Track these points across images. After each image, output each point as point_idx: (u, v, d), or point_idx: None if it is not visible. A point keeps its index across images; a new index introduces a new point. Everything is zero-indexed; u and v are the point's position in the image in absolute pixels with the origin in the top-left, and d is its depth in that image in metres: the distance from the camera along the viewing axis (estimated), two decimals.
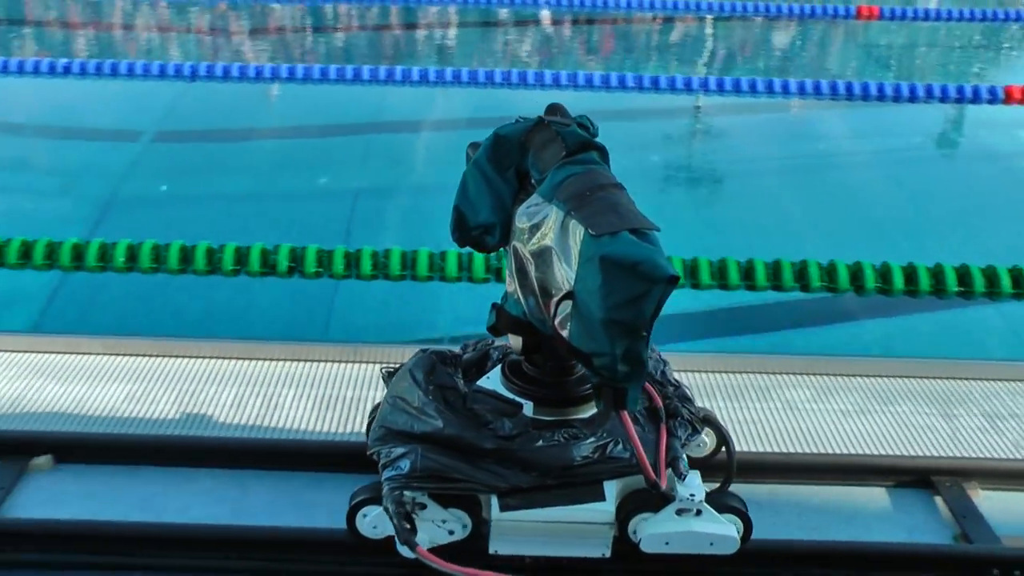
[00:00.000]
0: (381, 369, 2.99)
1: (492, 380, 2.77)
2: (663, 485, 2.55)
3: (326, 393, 3.65)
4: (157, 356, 3.87)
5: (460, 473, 2.58)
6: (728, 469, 2.82)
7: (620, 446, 2.60)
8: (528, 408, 2.66)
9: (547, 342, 2.55)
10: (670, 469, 2.62)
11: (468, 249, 2.74)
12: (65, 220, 6.41)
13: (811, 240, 6.30)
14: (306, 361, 3.87)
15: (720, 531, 2.66)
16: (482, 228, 2.67)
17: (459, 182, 2.66)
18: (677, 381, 2.89)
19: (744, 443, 3.45)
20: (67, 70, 8.65)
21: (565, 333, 2.39)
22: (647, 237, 2.30)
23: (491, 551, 2.71)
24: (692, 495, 2.63)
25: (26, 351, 3.90)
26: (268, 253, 4.98)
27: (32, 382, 3.69)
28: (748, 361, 4.00)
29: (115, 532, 2.88)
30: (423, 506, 2.64)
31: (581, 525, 2.67)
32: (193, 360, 3.84)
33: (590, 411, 2.65)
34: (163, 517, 2.98)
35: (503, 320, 2.68)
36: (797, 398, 3.74)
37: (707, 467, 2.84)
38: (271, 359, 3.87)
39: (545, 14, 12.30)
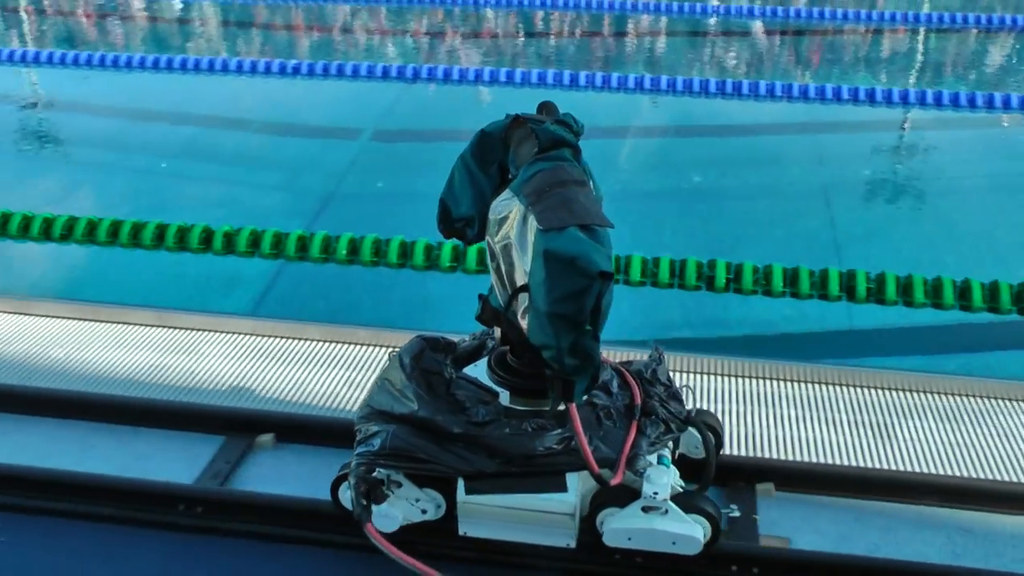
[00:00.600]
0: (389, 352, 3.04)
1: (479, 369, 2.82)
2: (618, 480, 2.57)
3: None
4: (372, 345, 4.01)
5: (427, 454, 2.65)
6: (707, 471, 2.78)
7: (589, 439, 2.61)
8: (504, 397, 2.71)
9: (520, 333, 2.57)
10: (640, 466, 2.63)
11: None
12: (288, 212, 6.72)
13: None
14: None
15: (684, 531, 2.65)
16: (463, 221, 2.75)
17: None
18: (669, 381, 2.90)
19: (951, 467, 3.31)
20: (295, 70, 9.09)
21: (524, 325, 2.47)
22: (595, 234, 2.36)
23: (460, 532, 2.79)
24: (655, 493, 2.62)
25: (251, 334, 4.11)
26: (483, 253, 5.09)
27: (257, 363, 3.89)
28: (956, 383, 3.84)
29: (334, 511, 2.95)
30: (399, 484, 2.74)
31: (543, 514, 2.70)
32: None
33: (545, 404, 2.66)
34: None
35: (486, 312, 2.75)
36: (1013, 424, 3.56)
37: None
38: None
39: (758, 25, 12.13)
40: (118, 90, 9.59)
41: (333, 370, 3.85)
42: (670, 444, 2.81)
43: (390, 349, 3.96)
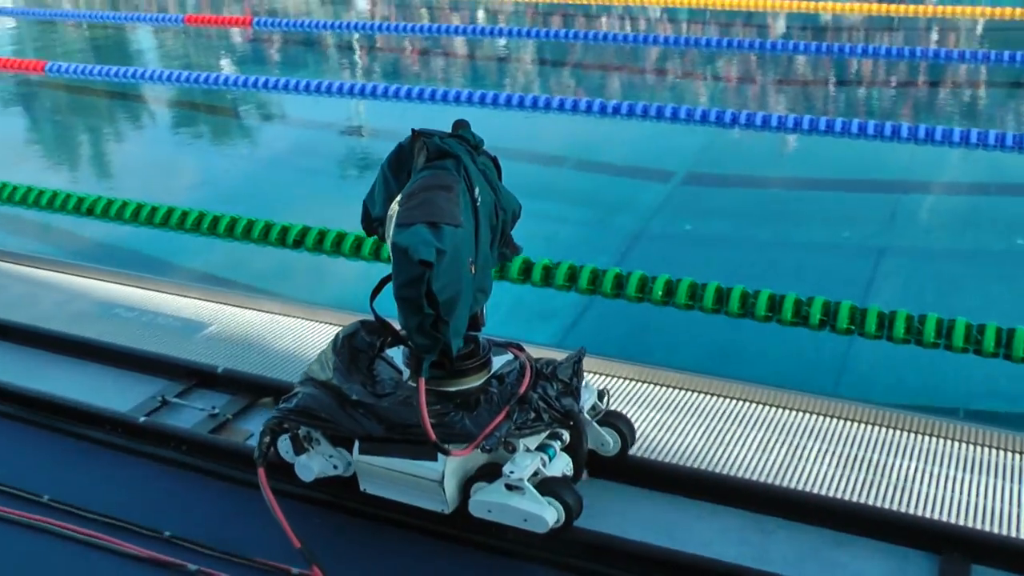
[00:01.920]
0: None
1: (401, 351, 3.21)
2: (464, 453, 2.93)
3: (852, 453, 3.59)
4: (685, 389, 4.01)
5: (328, 415, 3.10)
6: (578, 464, 3.14)
7: (459, 416, 2.97)
8: (406, 375, 3.15)
9: None
10: (491, 445, 2.94)
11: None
12: (596, 249, 6.85)
13: None
14: (827, 416, 3.82)
15: (535, 510, 2.92)
16: (378, 221, 3.11)
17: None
18: (570, 380, 3.18)
19: None
20: (614, 110, 9.29)
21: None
22: (440, 230, 2.76)
23: (361, 488, 3.19)
24: (511, 472, 2.93)
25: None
26: (801, 304, 5.01)
27: None
28: None
29: (639, 551, 3.01)
30: (318, 441, 3.19)
31: (416, 478, 3.04)
32: (721, 399, 3.94)
33: (469, 384, 3.09)
34: (685, 546, 3.07)
35: None
36: None
37: None
38: (795, 409, 3.87)
39: None
40: (437, 122, 10.09)
41: (645, 410, 3.88)
42: (545, 433, 3.11)
43: (699, 394, 3.97)
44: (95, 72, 12.23)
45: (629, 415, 3.60)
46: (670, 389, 4.03)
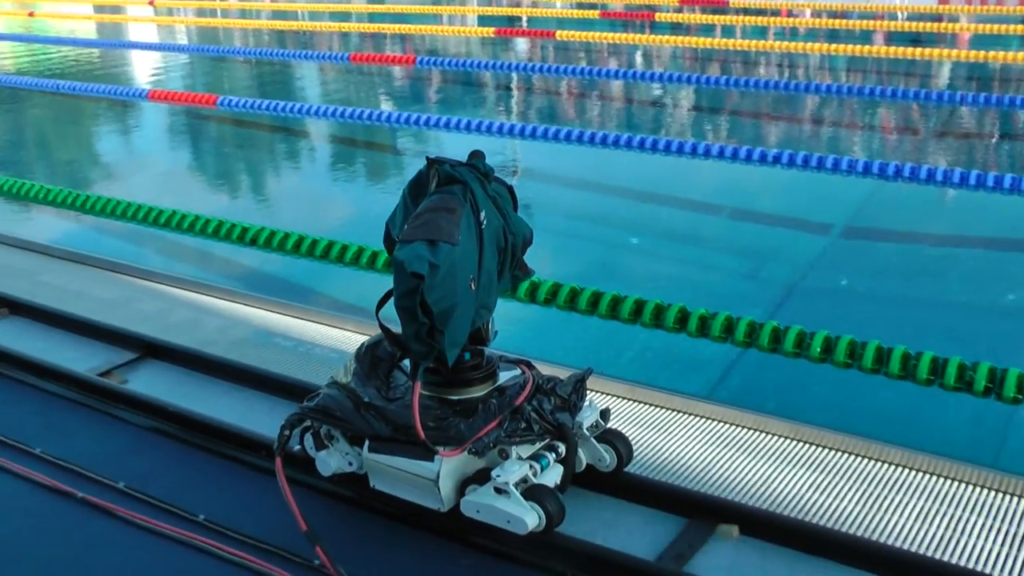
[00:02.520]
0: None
1: None
2: (453, 454, 3.21)
3: (1019, 531, 3.43)
4: (844, 452, 3.89)
5: (343, 415, 3.41)
6: (565, 475, 3.36)
7: (456, 422, 3.26)
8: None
9: None
10: (479, 449, 3.22)
11: None
12: (750, 300, 6.74)
13: None
14: (994, 491, 3.66)
15: (517, 513, 3.14)
16: (395, 242, 3.26)
17: None
18: (570, 396, 3.42)
19: None
20: (775, 159, 9.18)
21: None
22: (436, 247, 3.03)
23: (371, 485, 3.46)
24: (498, 475, 3.17)
25: (714, 419, 4.15)
26: (965, 368, 4.83)
27: (720, 450, 3.91)
28: None
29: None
30: (336, 440, 3.50)
31: (415, 477, 3.30)
32: (880, 464, 3.81)
33: (471, 394, 3.35)
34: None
35: None
36: None
37: None
38: (957, 479, 3.72)
39: None
40: (591, 165, 10.14)
41: (799, 470, 3.77)
42: (539, 444, 3.35)
43: (861, 459, 3.85)
44: (262, 107, 12.70)
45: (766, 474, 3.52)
46: (828, 451, 3.92)
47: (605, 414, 3.62)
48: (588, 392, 3.62)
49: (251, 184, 11.16)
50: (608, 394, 4.37)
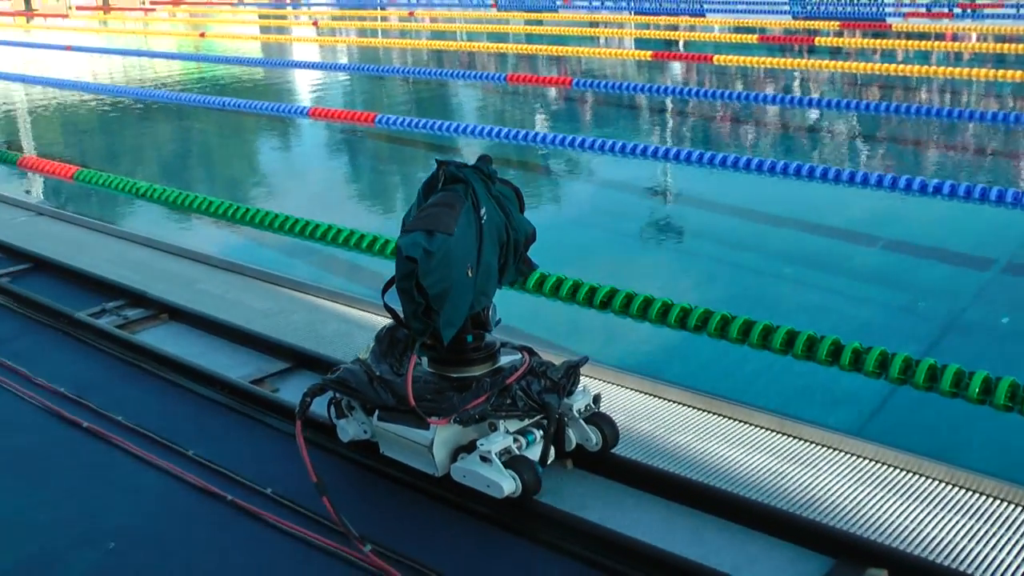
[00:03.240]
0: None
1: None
2: (441, 423, 3.59)
3: None
4: (1003, 500, 3.71)
5: (356, 386, 3.82)
6: (544, 449, 3.71)
7: (451, 395, 3.64)
8: (425, 362, 3.82)
9: None
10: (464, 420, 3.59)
11: None
12: (904, 335, 6.52)
13: None
14: None
15: (495, 479, 3.50)
16: None
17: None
18: (560, 379, 3.78)
19: None
20: (937, 190, 8.91)
21: None
22: (433, 236, 3.43)
23: (381, 451, 3.89)
24: (483, 445, 3.55)
25: (866, 457, 4.00)
26: None
27: (871, 490, 3.77)
28: None
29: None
30: (354, 410, 3.93)
31: (414, 444, 3.69)
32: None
33: (469, 372, 3.74)
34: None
35: None
36: None
37: None
38: None
39: None
40: (744, 191, 9.98)
41: (953, 516, 3.61)
42: (527, 420, 3.72)
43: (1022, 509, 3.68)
44: (419, 125, 12.93)
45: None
46: (986, 498, 3.75)
47: (597, 399, 3.95)
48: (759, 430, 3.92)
49: (404, 201, 11.35)
50: (755, 425, 4.27)
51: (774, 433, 4.20)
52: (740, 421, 4.27)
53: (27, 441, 4.44)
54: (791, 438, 4.17)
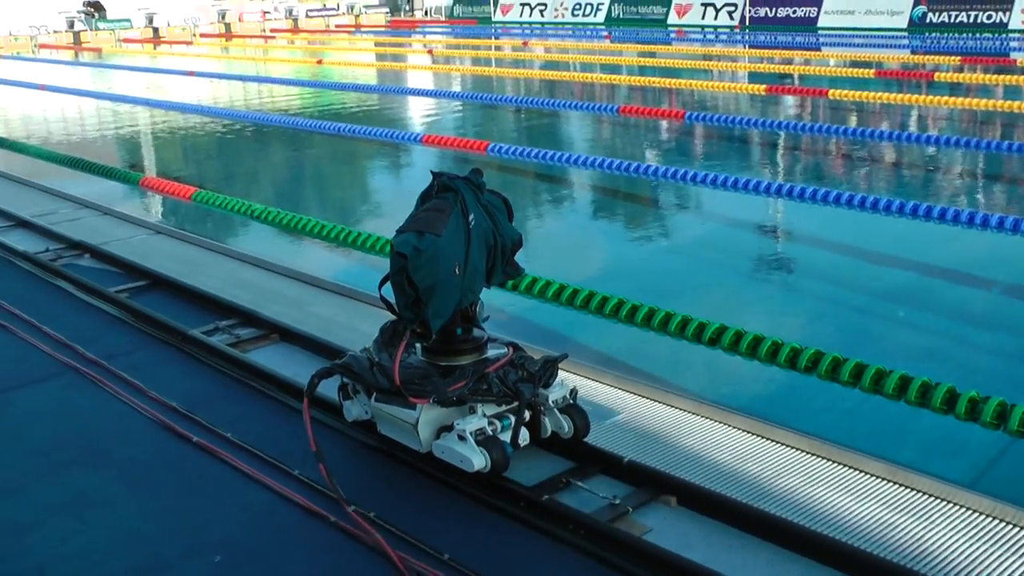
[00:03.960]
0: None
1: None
2: (422, 402, 4.04)
3: None
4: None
5: (359, 370, 4.30)
6: (514, 431, 4.07)
7: (435, 380, 4.07)
8: (418, 351, 4.30)
9: None
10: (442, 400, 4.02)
11: None
12: (1020, 386, 6.29)
13: None
14: None
15: (468, 455, 3.92)
16: None
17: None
18: (536, 372, 4.21)
19: None
20: None
21: None
22: (422, 236, 3.93)
23: (379, 430, 4.36)
24: (458, 424, 3.99)
25: (979, 512, 3.87)
26: None
27: (987, 547, 3.64)
28: None
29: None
30: (358, 392, 4.43)
31: (402, 422, 4.14)
32: None
33: (456, 361, 4.19)
34: None
35: None
36: None
37: None
38: None
39: None
40: (857, 229, 9.78)
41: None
42: (503, 407, 4.13)
43: None
44: (530, 155, 13.00)
45: None
46: None
47: (573, 393, 4.33)
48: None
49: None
50: (864, 472, 4.16)
51: (885, 481, 4.09)
52: (849, 467, 4.17)
53: (138, 452, 4.56)
54: (902, 487, 4.05)
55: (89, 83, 25.85)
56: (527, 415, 4.16)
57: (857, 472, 4.15)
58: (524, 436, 4.13)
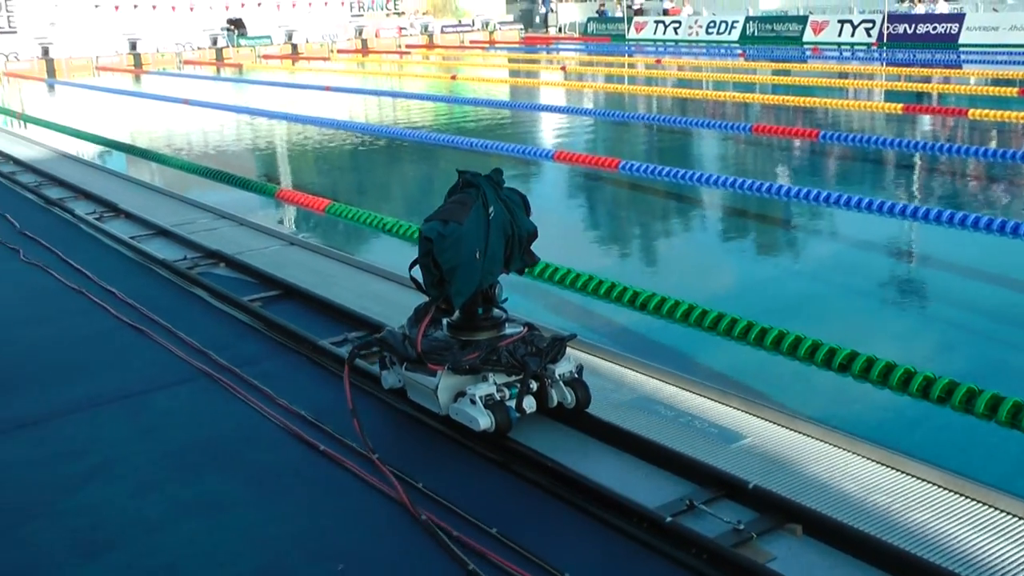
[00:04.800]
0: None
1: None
2: (435, 368, 4.70)
3: None
4: None
5: (393, 343, 4.95)
6: (519, 396, 4.61)
7: (454, 351, 4.71)
8: (444, 327, 4.91)
9: None
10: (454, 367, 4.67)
11: None
12: None
13: None
14: None
15: (475, 416, 4.53)
16: None
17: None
18: (543, 347, 4.77)
19: None
20: None
21: None
22: (447, 224, 4.59)
23: (409, 396, 4.99)
24: (470, 390, 4.59)
25: None
26: None
27: None
28: None
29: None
30: (394, 363, 5.03)
31: (425, 388, 4.77)
32: None
33: (475, 336, 4.80)
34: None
35: None
36: None
37: None
38: None
39: None
40: (996, 255, 9.45)
41: None
42: (513, 377, 4.71)
43: None
44: (662, 173, 12.93)
45: None
46: None
47: (580, 369, 4.89)
48: None
49: (640, 247, 11.34)
50: (1002, 511, 3.99)
51: (1021, 520, 3.92)
52: (985, 504, 4.01)
53: (266, 458, 4.68)
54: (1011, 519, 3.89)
55: (230, 97, 26.67)
56: (534, 386, 4.70)
57: (994, 510, 3.98)
58: (531, 404, 4.68)
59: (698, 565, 3.60)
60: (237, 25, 46.81)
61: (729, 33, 41.00)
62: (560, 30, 52.89)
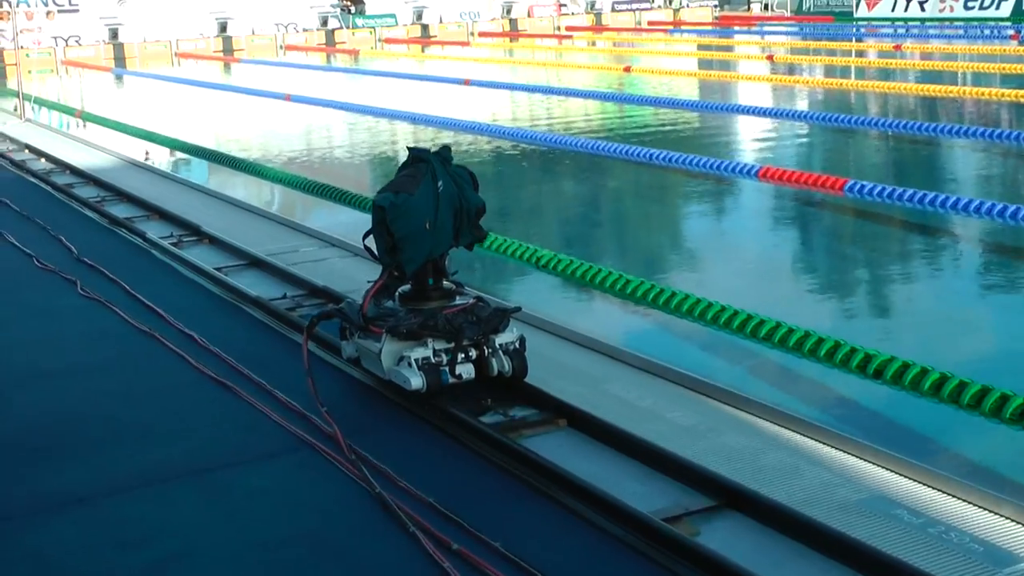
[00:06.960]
0: None
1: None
2: (376, 332, 6.36)
3: None
4: None
5: (350, 313, 6.64)
6: (451, 361, 6.20)
7: (399, 316, 6.31)
8: (396, 298, 6.57)
9: None
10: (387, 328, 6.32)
11: None
12: None
13: None
14: None
15: (409, 376, 6.07)
16: None
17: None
18: (484, 317, 6.31)
19: None
20: None
21: None
22: (398, 195, 6.31)
23: (362, 364, 6.75)
24: (407, 353, 6.13)
25: None
26: None
27: None
28: None
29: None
30: (352, 333, 6.68)
31: (372, 353, 6.39)
32: None
33: (423, 306, 6.41)
34: None
35: None
36: None
37: None
38: None
39: None
40: None
41: None
42: (447, 342, 6.21)
43: None
44: (902, 197, 12.66)
45: None
46: None
47: (522, 341, 6.38)
48: None
49: (865, 294, 11.04)
50: None
51: None
52: None
53: (384, 558, 4.69)
54: None
55: (343, 92, 27.23)
56: (474, 354, 6.23)
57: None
58: (468, 371, 6.21)
59: None
60: (353, 1, 47.89)
61: (996, 7, 40.14)
62: (765, 7, 52.67)
